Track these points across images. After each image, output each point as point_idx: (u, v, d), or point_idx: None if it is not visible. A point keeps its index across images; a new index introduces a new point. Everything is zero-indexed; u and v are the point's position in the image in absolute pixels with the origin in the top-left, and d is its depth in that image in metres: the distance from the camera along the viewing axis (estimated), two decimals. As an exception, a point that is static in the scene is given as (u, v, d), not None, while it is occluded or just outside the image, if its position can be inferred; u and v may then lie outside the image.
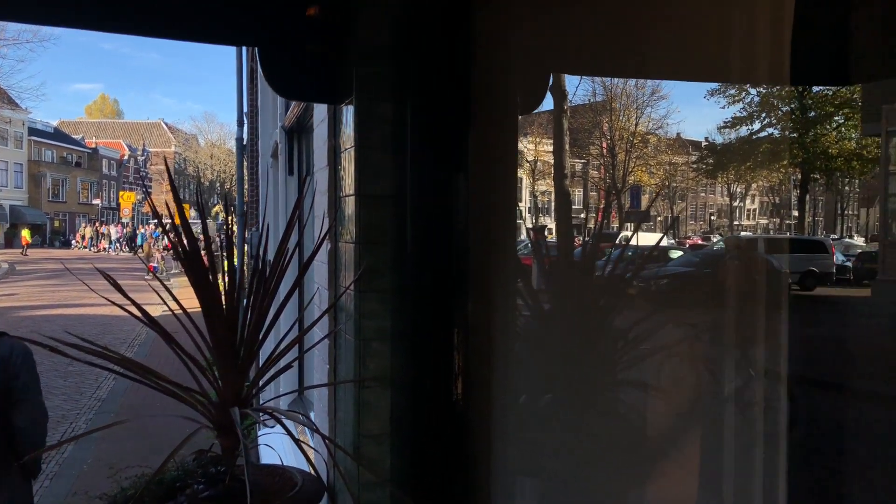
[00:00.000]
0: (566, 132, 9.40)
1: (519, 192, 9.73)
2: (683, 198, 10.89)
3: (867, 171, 7.33)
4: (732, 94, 8.23)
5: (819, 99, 8.22)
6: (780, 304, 2.78)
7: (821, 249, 8.36)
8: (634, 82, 9.10)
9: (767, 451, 2.22)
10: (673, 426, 2.58)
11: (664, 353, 2.62)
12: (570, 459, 2.45)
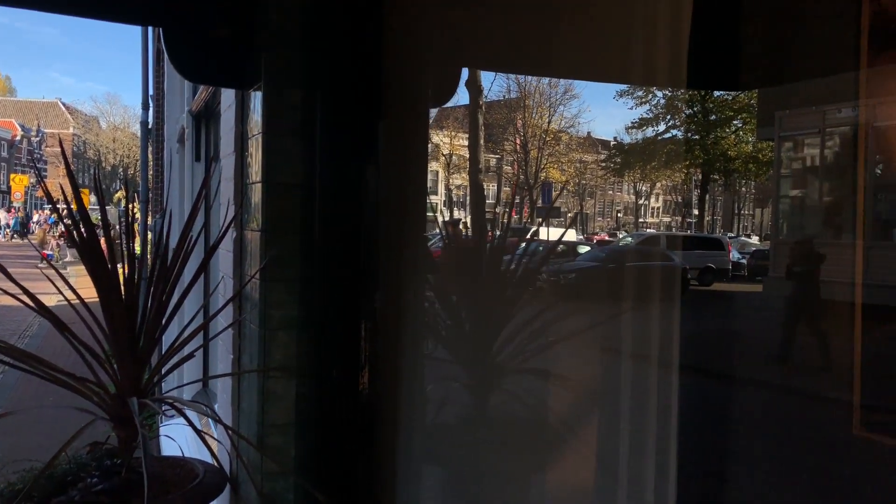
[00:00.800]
0: (481, 127, 9.52)
1: (434, 185, 9.77)
2: (592, 195, 11.34)
3: (762, 173, 7.81)
4: (640, 96, 8.45)
5: (720, 103, 8.69)
6: (677, 299, 2.93)
7: (718, 247, 8.87)
8: (548, 81, 9.09)
9: (660, 437, 2.35)
10: (573, 412, 2.69)
11: (566, 343, 2.72)
12: (474, 447, 2.51)
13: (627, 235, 15.59)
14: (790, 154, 2.08)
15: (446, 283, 2.89)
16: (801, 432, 2.00)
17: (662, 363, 2.36)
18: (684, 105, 13.79)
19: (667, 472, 2.26)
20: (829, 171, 1.91)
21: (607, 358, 2.62)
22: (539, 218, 12.64)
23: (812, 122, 1.88)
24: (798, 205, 1.98)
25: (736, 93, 12.48)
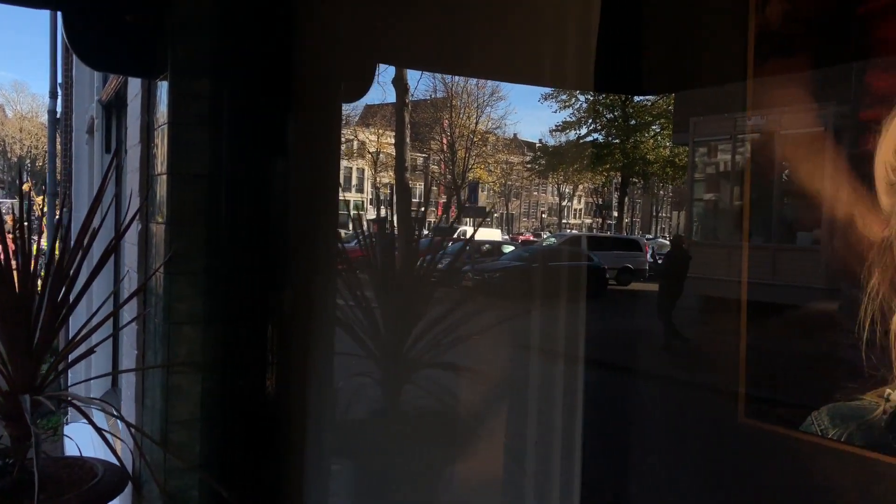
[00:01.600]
0: (407, 126, 9.50)
1: (361, 183, 9.63)
2: (518, 196, 11.42)
3: (679, 177, 8.01)
4: (563, 100, 8.60)
5: (639, 108, 8.88)
6: (597, 297, 3.00)
7: (636, 248, 9.08)
8: (476, 82, 9.13)
9: (565, 429, 2.42)
10: (484, 406, 2.73)
11: (482, 340, 2.76)
12: (385, 441, 2.52)
13: (551, 236, 15.91)
14: (704, 159, 2.17)
15: (364, 280, 2.89)
16: (694, 422, 2.10)
17: (576, 359, 2.43)
18: (605, 109, 14.18)
19: (572, 461, 2.33)
20: (739, 176, 2.00)
21: (525, 354, 2.68)
22: (466, 217, 12.75)
23: (724, 129, 1.97)
24: (711, 208, 2.07)
25: (654, 98, 12.95)
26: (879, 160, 1.50)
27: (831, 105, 1.71)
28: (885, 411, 1.48)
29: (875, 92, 1.53)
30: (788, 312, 1.84)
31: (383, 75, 9.01)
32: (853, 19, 1.58)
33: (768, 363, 1.79)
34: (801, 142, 1.74)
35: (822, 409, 1.60)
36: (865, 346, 1.51)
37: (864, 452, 1.52)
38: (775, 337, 1.82)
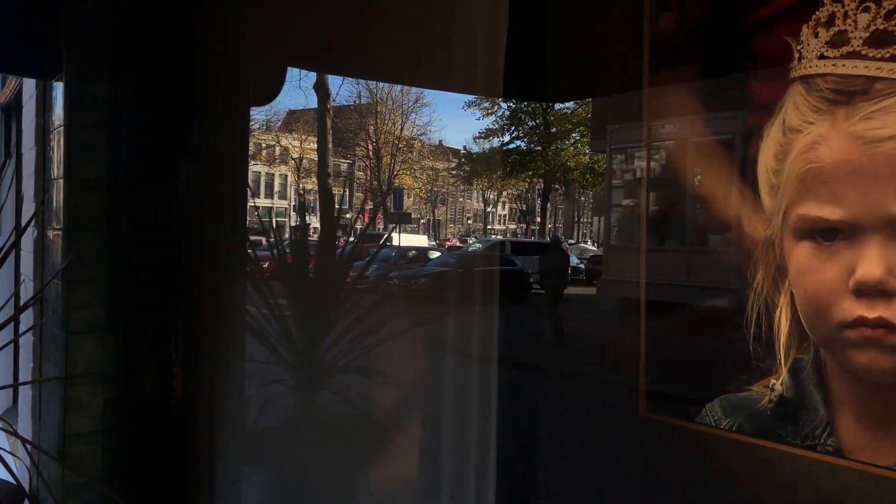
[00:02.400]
0: (329, 131, 9.45)
1: (284, 189, 9.67)
2: (444, 202, 11.72)
3: (598, 183, 8.44)
4: (486, 107, 8.82)
5: (559, 116, 9.15)
6: (521, 301, 3.00)
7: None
8: (400, 88, 9.25)
9: (480, 432, 2.45)
10: (401, 410, 2.74)
11: (401, 344, 2.77)
12: (298, 448, 2.49)
13: (476, 241, 16.16)
14: (621, 166, 2.23)
15: (279, 286, 2.86)
16: (601, 418, 2.16)
17: (490, 361, 2.46)
18: (527, 117, 14.52)
19: (487, 459, 2.36)
20: (654, 182, 2.07)
21: (443, 357, 2.69)
22: (391, 223, 12.79)
23: (638, 137, 2.03)
24: (628, 213, 2.13)
25: (574, 107, 13.35)
26: (762, 164, 1.59)
27: (721, 112, 1.81)
28: (771, 400, 1.57)
29: (757, 100, 1.62)
30: (688, 311, 1.92)
31: (304, 80, 8.80)
32: (737, 31, 1.67)
33: (666, 359, 1.87)
34: (702, 149, 1.83)
35: (715, 400, 1.68)
36: (753, 339, 1.60)
37: (752, 440, 1.60)
38: (673, 334, 1.90)
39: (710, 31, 1.74)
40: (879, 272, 1.36)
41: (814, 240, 1.47)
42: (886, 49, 1.35)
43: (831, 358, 1.48)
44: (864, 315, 1.38)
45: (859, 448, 1.45)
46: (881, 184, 1.37)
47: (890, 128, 1.34)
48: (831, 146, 1.44)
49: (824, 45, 1.45)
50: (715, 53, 1.75)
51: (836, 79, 1.43)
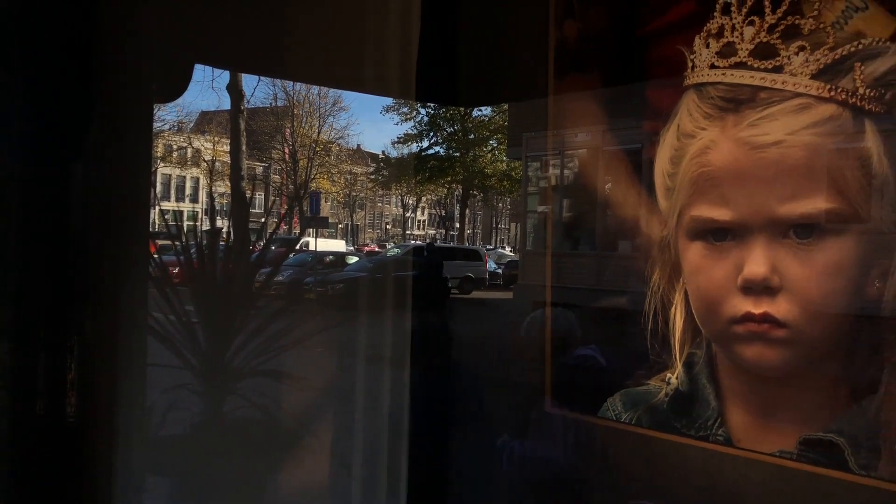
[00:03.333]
0: (243, 133, 9.21)
1: (196, 192, 9.31)
2: (363, 207, 11.62)
3: (515, 190, 8.59)
4: (405, 112, 8.86)
5: (477, 123, 9.33)
6: (440, 306, 3.02)
7: (477, 258, 9.71)
8: (318, 91, 9.11)
9: (392, 434, 2.45)
10: (312, 414, 2.71)
11: (311, 348, 2.74)
12: (206, 454, 2.43)
13: (395, 247, 16.18)
14: (537, 173, 2.28)
15: (188, 291, 2.78)
16: (510, 415, 2.20)
17: (408, 364, 2.47)
18: (446, 123, 14.68)
19: (398, 461, 2.36)
20: (568, 189, 2.12)
21: (355, 361, 2.68)
22: (308, 228, 12.60)
23: (554, 144, 2.08)
24: (542, 220, 2.18)
25: (492, 114, 13.60)
26: (658, 168, 1.67)
27: (624, 119, 1.88)
28: (667, 394, 1.65)
29: (654, 106, 1.70)
30: (594, 311, 1.99)
31: (217, 81, 8.54)
32: (635, 40, 1.74)
33: (571, 357, 1.93)
34: (610, 156, 1.89)
35: (616, 395, 1.74)
36: (650, 336, 1.67)
37: (650, 433, 1.67)
38: (577, 334, 1.97)
39: (610, 39, 1.81)
40: (764, 270, 1.45)
41: (705, 240, 1.55)
42: (769, 60, 1.45)
43: (722, 352, 1.57)
44: (751, 311, 1.47)
45: (747, 437, 1.53)
46: (766, 187, 1.46)
47: (773, 134, 1.44)
48: (721, 151, 1.52)
49: (715, 55, 1.54)
50: (615, 61, 1.82)
51: (725, 87, 1.52)
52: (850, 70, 1.35)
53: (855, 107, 1.35)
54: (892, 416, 1.32)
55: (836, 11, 1.38)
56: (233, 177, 9.67)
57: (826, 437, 1.39)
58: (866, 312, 1.37)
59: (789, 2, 1.42)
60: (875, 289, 1.35)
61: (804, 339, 1.43)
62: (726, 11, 1.51)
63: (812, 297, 1.42)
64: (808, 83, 1.39)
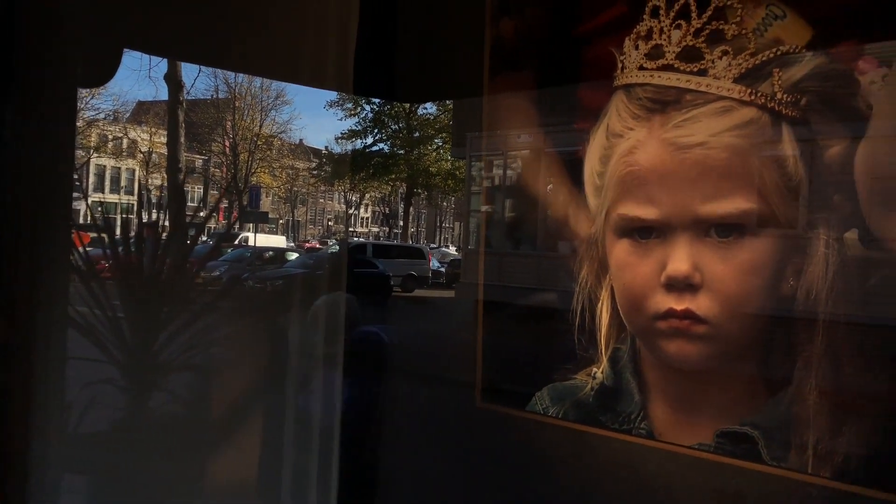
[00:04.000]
0: (182, 125, 9.01)
1: (131, 184, 9.06)
2: (304, 202, 11.47)
3: (459, 189, 8.64)
4: (349, 108, 8.76)
5: (423, 121, 9.36)
6: (382, 304, 2.96)
7: (420, 256, 9.77)
8: (260, 84, 9.01)
9: (323, 432, 2.42)
10: (241, 410, 2.66)
11: (242, 344, 2.69)
12: (131, 451, 2.36)
13: (337, 243, 16.01)
14: (480, 173, 2.28)
15: (117, 284, 2.69)
16: (441, 412, 2.20)
17: (341, 362, 2.44)
18: (390, 120, 14.63)
19: (330, 459, 2.34)
20: (511, 190, 2.13)
21: (291, 358, 2.64)
22: (248, 223, 12.38)
23: (497, 145, 2.09)
24: (487, 219, 2.18)
25: (437, 112, 13.62)
26: (588, 166, 1.69)
27: (557, 119, 1.90)
28: (593, 388, 1.68)
29: (585, 106, 1.73)
30: (528, 308, 2.01)
31: (155, 69, 8.34)
32: (570, 39, 1.77)
33: (502, 354, 1.95)
34: (546, 156, 1.91)
35: (544, 389, 1.76)
36: (577, 331, 1.70)
37: (576, 426, 1.70)
38: (511, 331, 1.99)
39: (545, 38, 1.83)
40: (686, 267, 1.49)
41: (631, 237, 1.58)
42: (695, 64, 1.49)
43: (645, 347, 1.61)
44: (674, 307, 1.51)
45: (668, 430, 1.57)
46: (689, 187, 1.50)
47: (697, 135, 1.48)
48: (648, 151, 1.55)
49: (643, 56, 1.57)
50: (550, 60, 1.84)
51: (652, 89, 1.55)
52: (770, 75, 1.40)
53: (773, 111, 1.40)
54: (803, 409, 1.37)
55: (757, 18, 1.42)
56: (170, 169, 9.38)
57: (741, 430, 1.43)
58: (781, 310, 1.42)
59: (714, 7, 1.46)
60: (789, 287, 1.40)
61: (723, 335, 1.48)
62: (655, 14, 1.55)
63: (731, 295, 1.47)
64: (730, 86, 1.44)
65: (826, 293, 1.35)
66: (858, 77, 1.32)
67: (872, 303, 1.35)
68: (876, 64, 1.31)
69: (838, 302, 1.34)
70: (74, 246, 2.43)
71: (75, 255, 2.46)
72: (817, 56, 1.37)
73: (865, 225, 1.33)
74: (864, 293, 1.34)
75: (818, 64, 1.36)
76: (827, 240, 1.35)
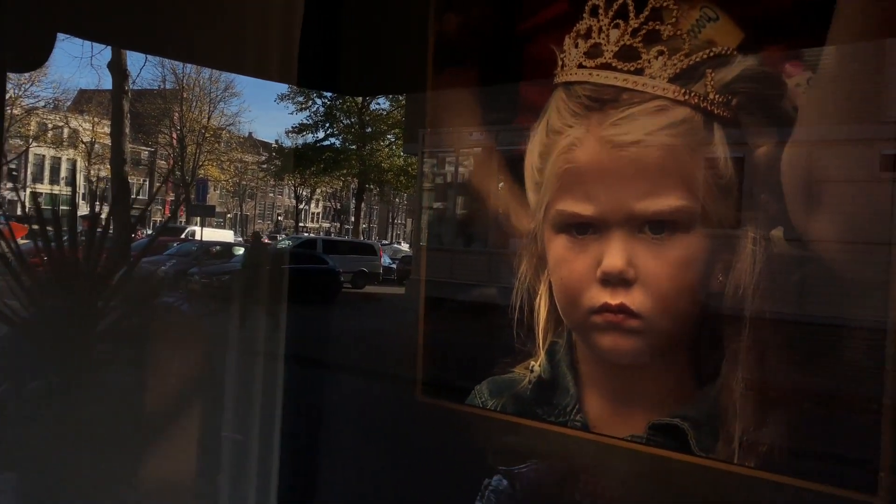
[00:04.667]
0: (126, 115, 8.76)
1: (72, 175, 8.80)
2: (253, 196, 11.32)
3: (412, 185, 8.62)
4: (300, 101, 8.64)
5: (375, 117, 9.23)
6: (331, 300, 2.93)
7: (371, 252, 9.73)
8: (209, 75, 8.84)
9: (263, 427, 2.39)
10: (177, 408, 2.61)
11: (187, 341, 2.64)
12: (61, 450, 2.29)
13: (286, 238, 15.83)
14: (433, 170, 2.27)
15: (55, 279, 2.61)
16: (382, 406, 2.20)
17: (282, 358, 2.41)
18: (342, 115, 14.49)
19: (270, 454, 2.31)
20: (462, 187, 2.12)
21: (232, 354, 2.60)
22: (195, 216, 12.12)
23: (449, 142, 2.08)
24: (439, 216, 2.18)
25: (389, 108, 13.54)
26: (528, 162, 1.71)
27: (500, 115, 1.91)
28: (530, 381, 1.69)
29: (527, 102, 1.74)
30: (470, 305, 2.02)
31: (98, 58, 8.16)
32: (513, 36, 1.78)
33: (443, 348, 1.95)
34: (496, 153, 1.92)
35: (483, 383, 1.78)
36: (516, 325, 1.72)
37: (514, 419, 1.72)
38: (452, 326, 1.99)
39: (489, 34, 1.84)
40: (621, 263, 1.51)
41: (569, 233, 1.60)
42: (632, 63, 1.51)
43: (581, 341, 1.63)
44: (609, 301, 1.53)
45: (602, 422, 1.60)
46: (625, 184, 1.53)
47: (633, 134, 1.50)
48: (586, 148, 1.57)
49: (583, 55, 1.59)
50: (493, 56, 1.85)
51: (591, 87, 1.57)
52: (703, 76, 1.43)
53: (706, 111, 1.43)
54: (730, 401, 1.41)
55: (691, 20, 1.46)
56: (114, 161, 9.09)
57: (672, 421, 1.47)
58: (710, 305, 1.46)
59: (651, 8, 1.49)
60: (719, 283, 1.44)
61: (655, 329, 1.51)
62: (594, 13, 1.57)
63: (663, 290, 1.50)
64: (665, 86, 1.47)
65: (753, 289, 1.39)
66: (785, 80, 1.37)
67: (795, 299, 1.39)
68: (801, 67, 1.35)
69: (764, 297, 1.38)
70: (4, 238, 2.35)
71: (5, 247, 2.39)
72: (748, 58, 1.41)
73: (790, 224, 1.37)
74: (788, 289, 1.39)
75: (748, 66, 1.40)
76: (754, 237, 1.40)
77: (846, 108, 1.37)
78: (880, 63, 1.34)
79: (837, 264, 1.35)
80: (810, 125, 1.36)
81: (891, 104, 1.33)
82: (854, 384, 1.33)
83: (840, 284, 1.35)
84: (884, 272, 1.31)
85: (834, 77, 1.35)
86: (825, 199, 1.37)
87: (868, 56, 1.34)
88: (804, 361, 1.37)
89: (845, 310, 1.36)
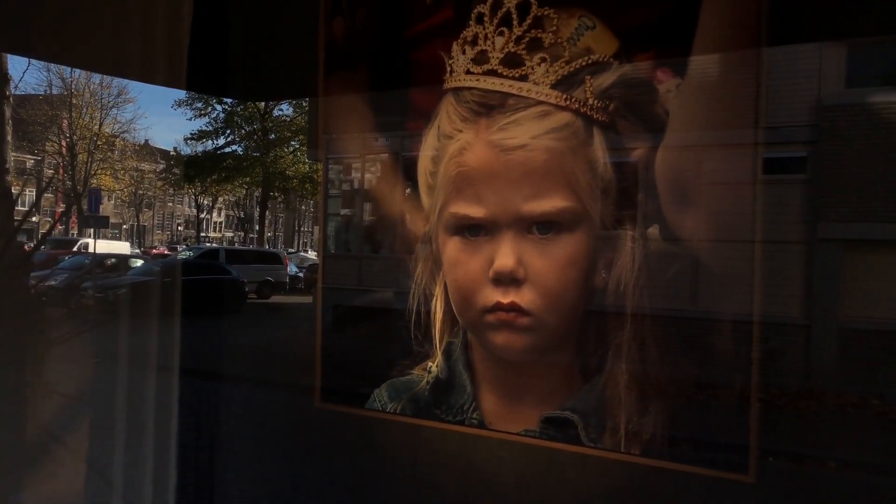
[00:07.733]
0: (9, 121, 8.29)
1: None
2: (151, 206, 10.92)
3: (317, 192, 8.51)
4: (199, 108, 8.50)
5: (278, 123, 9.28)
6: (236, 311, 2.85)
7: (277, 261, 9.55)
8: (100, 80, 8.52)
9: (158, 441, 2.31)
10: (68, 426, 2.49)
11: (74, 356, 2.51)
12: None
13: (187, 249, 15.26)
14: (339, 176, 2.24)
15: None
16: (281, 414, 2.17)
17: (176, 371, 2.34)
18: (244, 122, 14.12)
19: (166, 467, 2.24)
20: (366, 193, 2.10)
21: (116, 368, 2.50)
22: (88, 228, 11.52)
23: (354, 148, 2.06)
24: (345, 223, 2.15)
25: (293, 114, 13.30)
26: (421, 166, 1.73)
27: (390, 118, 1.92)
28: (428, 382, 1.71)
29: (417, 107, 1.77)
30: (370, 310, 2.02)
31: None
32: (401, 42, 1.80)
33: (342, 354, 1.95)
34: (398, 158, 1.92)
35: (382, 386, 1.78)
36: (414, 326, 1.73)
37: (413, 420, 1.73)
38: (352, 331, 1.99)
39: (377, 39, 1.85)
40: (512, 263, 1.56)
41: (462, 235, 1.64)
42: (517, 69, 1.56)
43: (476, 340, 1.66)
44: (501, 300, 1.57)
45: (497, 419, 1.64)
46: (512, 186, 1.57)
47: (519, 138, 1.55)
48: (475, 152, 1.61)
49: (470, 61, 1.63)
50: (381, 62, 1.86)
51: (479, 92, 1.61)
52: (582, 82, 1.49)
53: (586, 115, 1.50)
54: (615, 393, 1.48)
55: (570, 28, 1.52)
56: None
57: (562, 414, 1.52)
58: (595, 301, 1.52)
59: (533, 16, 1.55)
60: (602, 280, 1.50)
61: (545, 326, 1.56)
62: (480, 21, 1.61)
63: (551, 288, 1.55)
64: (548, 92, 1.52)
65: (633, 285, 1.46)
66: (657, 86, 1.45)
67: (672, 294, 1.47)
68: (671, 74, 1.44)
69: (643, 292, 1.45)
70: None
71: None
72: (623, 65, 1.48)
73: (666, 222, 1.45)
74: (665, 285, 1.47)
75: (624, 72, 1.48)
76: (633, 236, 1.47)
77: (712, 113, 1.46)
78: (740, 71, 1.44)
79: (708, 260, 1.44)
80: (681, 129, 1.45)
81: (752, 110, 1.43)
82: (726, 373, 1.42)
83: (711, 280, 1.44)
84: (748, 268, 1.41)
85: (700, 83, 1.44)
86: (696, 198, 1.46)
87: (729, 65, 1.44)
88: (681, 353, 1.45)
89: (716, 304, 1.45)
